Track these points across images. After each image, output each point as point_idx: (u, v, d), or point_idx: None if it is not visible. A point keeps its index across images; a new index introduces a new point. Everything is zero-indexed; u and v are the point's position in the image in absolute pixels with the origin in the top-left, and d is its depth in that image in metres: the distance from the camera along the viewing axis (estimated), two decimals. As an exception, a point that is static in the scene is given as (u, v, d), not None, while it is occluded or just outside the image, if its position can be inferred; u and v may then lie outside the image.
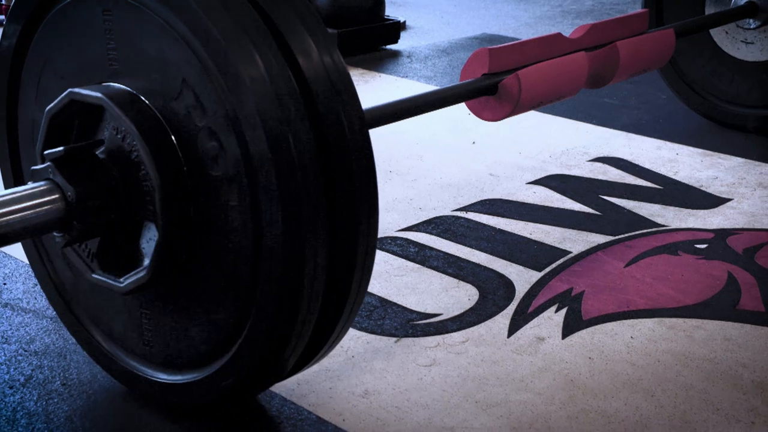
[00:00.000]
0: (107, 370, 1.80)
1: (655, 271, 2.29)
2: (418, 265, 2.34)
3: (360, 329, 2.03)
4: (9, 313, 2.10)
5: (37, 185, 1.49)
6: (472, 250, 2.43)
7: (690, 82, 3.47)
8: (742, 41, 3.31)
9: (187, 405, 1.70)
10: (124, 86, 1.52)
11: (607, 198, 2.77)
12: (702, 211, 2.68)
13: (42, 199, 1.47)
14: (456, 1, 6.15)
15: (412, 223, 2.60)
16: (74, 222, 1.48)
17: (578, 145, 3.24)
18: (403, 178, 2.94)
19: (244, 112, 1.36)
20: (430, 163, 3.07)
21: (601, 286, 2.22)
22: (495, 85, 2.15)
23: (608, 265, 2.33)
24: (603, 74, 2.46)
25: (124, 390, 1.80)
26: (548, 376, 1.86)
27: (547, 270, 2.32)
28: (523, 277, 2.28)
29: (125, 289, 1.54)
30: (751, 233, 2.53)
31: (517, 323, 2.06)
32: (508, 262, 2.36)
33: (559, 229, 2.56)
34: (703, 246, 2.44)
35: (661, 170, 3.00)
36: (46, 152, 1.50)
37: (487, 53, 2.14)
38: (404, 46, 4.80)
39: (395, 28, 4.76)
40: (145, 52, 1.47)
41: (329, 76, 1.43)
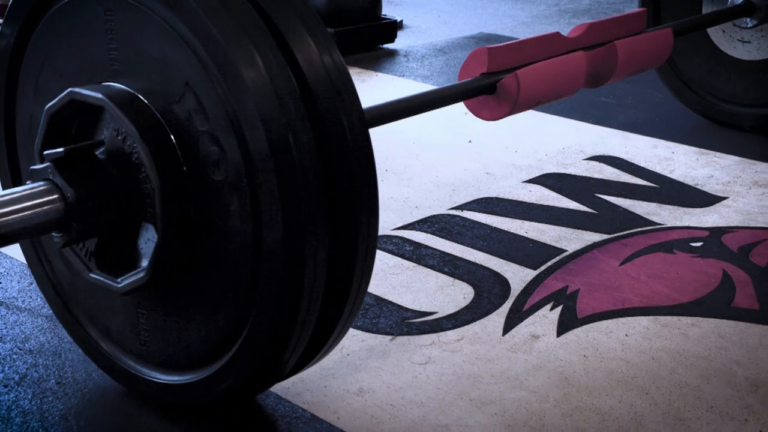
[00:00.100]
0: (105, 370, 1.80)
1: (650, 270, 2.30)
2: (414, 264, 2.35)
3: (355, 327, 2.04)
4: (4, 312, 2.11)
5: (37, 185, 1.48)
6: (468, 248, 2.44)
7: (687, 81, 3.47)
8: (739, 40, 3.32)
9: (186, 406, 1.70)
10: (125, 87, 1.52)
11: (603, 196, 2.78)
12: (697, 209, 2.69)
13: (41, 200, 1.47)
14: (453, 1, 6.15)
15: (408, 222, 2.61)
16: (73, 223, 1.48)
17: (574, 143, 3.25)
18: (399, 177, 2.95)
19: (244, 112, 1.36)
20: (426, 162, 3.08)
21: (596, 285, 2.23)
22: (494, 84, 2.15)
23: (603, 264, 2.34)
24: (601, 73, 2.46)
25: (119, 389, 1.80)
26: (543, 373, 1.87)
27: (543, 268, 2.33)
28: (518, 276, 2.29)
29: (123, 289, 1.53)
30: (746, 231, 2.54)
31: (512, 321, 2.07)
32: (504, 261, 2.37)
33: (555, 228, 2.56)
34: (699, 244, 2.45)
35: (657, 169, 3.01)
36: (46, 152, 1.50)
37: (485, 52, 2.13)
38: (401, 46, 4.80)
39: (392, 28, 4.77)
40: (146, 52, 1.47)
41: (329, 76, 1.43)
